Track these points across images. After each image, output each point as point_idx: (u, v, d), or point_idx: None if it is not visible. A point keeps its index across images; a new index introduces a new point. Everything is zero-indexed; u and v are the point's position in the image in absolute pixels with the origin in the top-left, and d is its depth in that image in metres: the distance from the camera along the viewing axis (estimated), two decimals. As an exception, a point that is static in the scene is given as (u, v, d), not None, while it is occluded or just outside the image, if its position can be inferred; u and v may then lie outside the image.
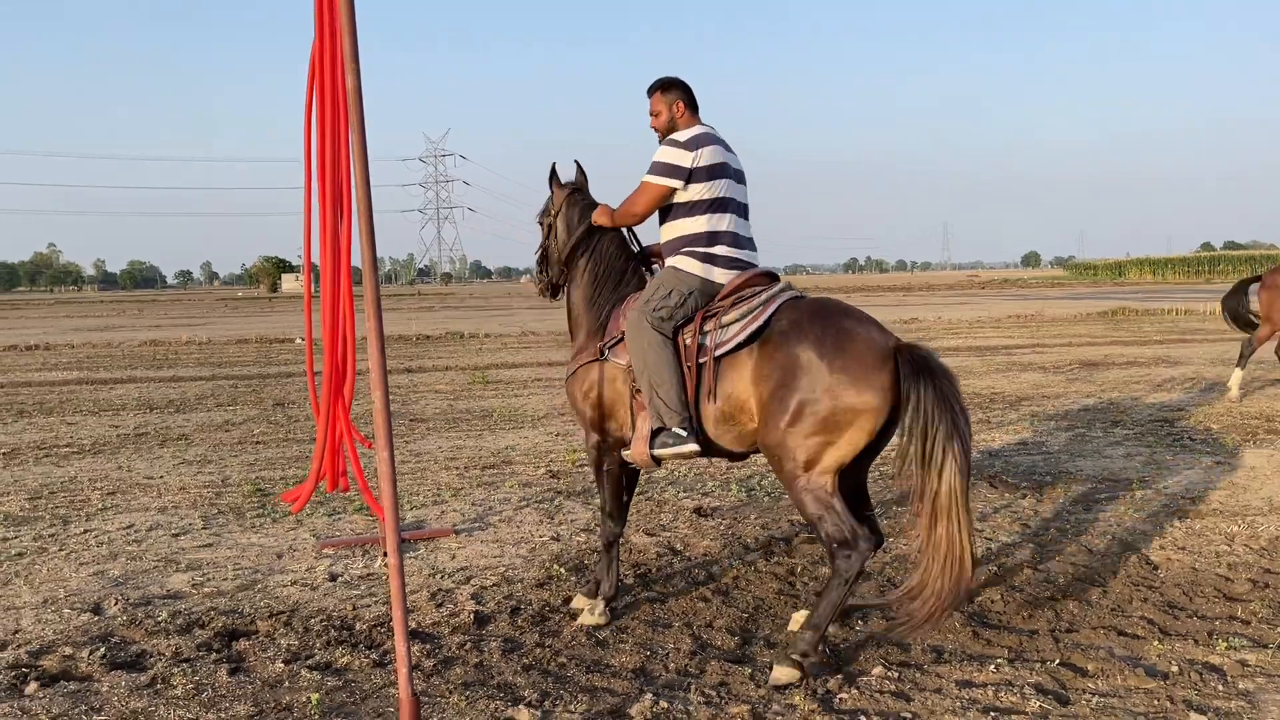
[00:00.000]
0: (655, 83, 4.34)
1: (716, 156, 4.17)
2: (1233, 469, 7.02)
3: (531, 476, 7.25)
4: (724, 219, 4.21)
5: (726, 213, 4.21)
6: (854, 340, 3.66)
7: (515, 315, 34.95)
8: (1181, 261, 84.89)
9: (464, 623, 4.26)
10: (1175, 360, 14.79)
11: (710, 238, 4.18)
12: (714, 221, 4.19)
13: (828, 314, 3.82)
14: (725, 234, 4.21)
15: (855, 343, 3.65)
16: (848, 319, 3.78)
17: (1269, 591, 4.50)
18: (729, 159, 4.24)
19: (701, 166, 4.13)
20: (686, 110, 4.29)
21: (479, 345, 20.96)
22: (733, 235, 4.22)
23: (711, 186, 4.16)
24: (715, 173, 4.16)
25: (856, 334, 3.69)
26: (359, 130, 2.97)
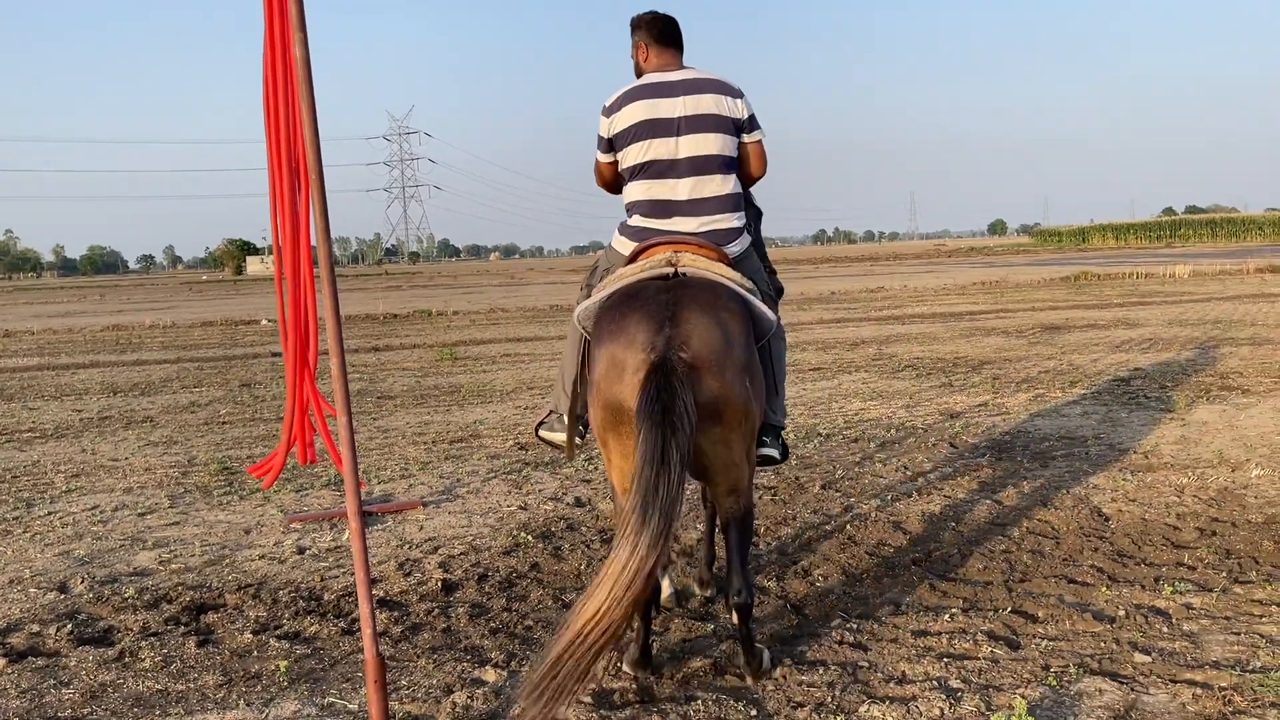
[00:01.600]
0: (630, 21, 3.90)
1: (639, 114, 3.65)
2: (1185, 424, 7.19)
3: (499, 449, 7.29)
4: (639, 186, 3.70)
5: (644, 178, 3.68)
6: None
7: (484, 293, 34.86)
8: (1144, 227, 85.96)
9: (431, 590, 4.31)
10: (1134, 322, 15.03)
11: (630, 207, 3.77)
12: (633, 189, 3.74)
13: (611, 305, 3.31)
14: (641, 202, 3.70)
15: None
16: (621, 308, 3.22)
17: (1215, 539, 4.64)
18: (662, 110, 3.64)
19: (621, 131, 3.70)
20: (650, 51, 3.80)
21: (447, 323, 20.91)
22: (649, 203, 3.68)
23: (629, 152, 3.69)
24: (637, 134, 3.66)
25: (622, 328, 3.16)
26: (309, 101, 2.97)
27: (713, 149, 3.64)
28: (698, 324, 3.08)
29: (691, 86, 3.66)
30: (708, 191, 3.65)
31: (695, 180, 3.64)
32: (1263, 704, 3.02)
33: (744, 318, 3.25)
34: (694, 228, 3.61)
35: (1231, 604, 3.85)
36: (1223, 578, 4.13)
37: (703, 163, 3.64)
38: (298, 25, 2.92)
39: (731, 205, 3.68)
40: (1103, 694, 3.13)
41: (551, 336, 16.56)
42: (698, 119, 3.63)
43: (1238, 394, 8.33)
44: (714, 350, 3.05)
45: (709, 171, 3.64)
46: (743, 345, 3.16)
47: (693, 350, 3.01)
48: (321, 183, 2.98)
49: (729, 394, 3.06)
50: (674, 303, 3.14)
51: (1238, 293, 20.19)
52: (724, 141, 3.67)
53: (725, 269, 3.42)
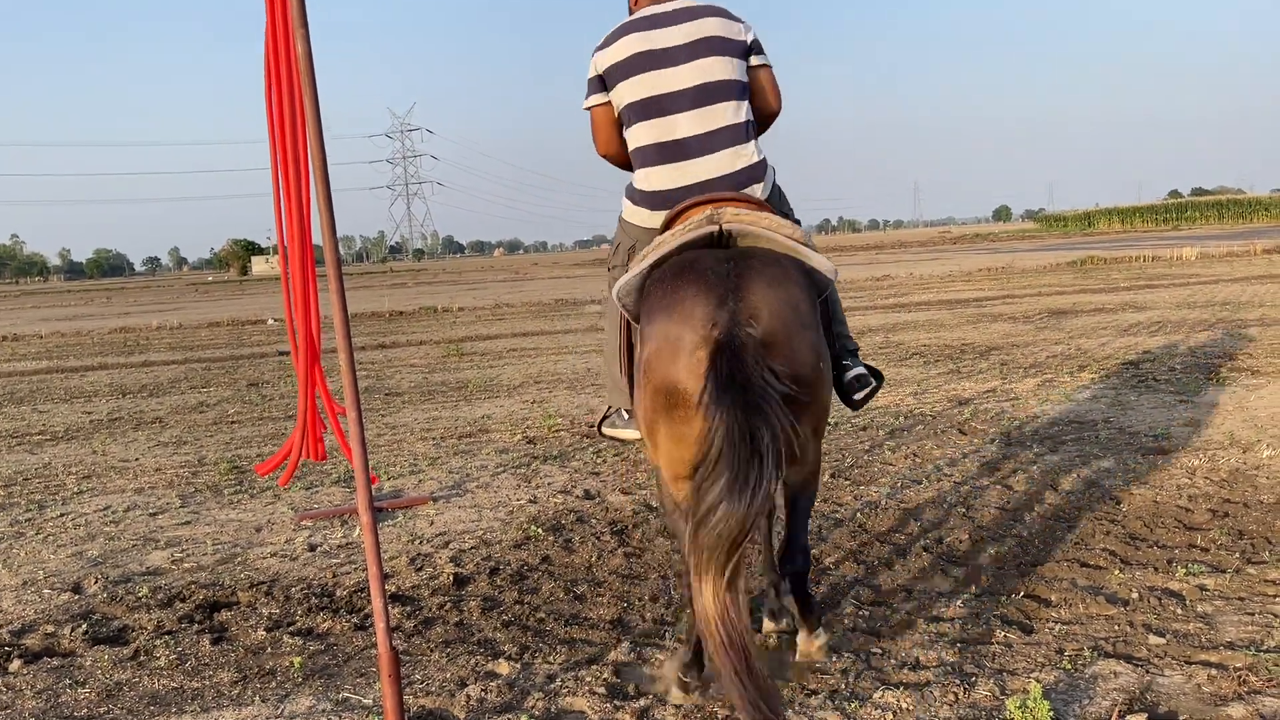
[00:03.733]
0: None
1: (633, 46, 3.26)
2: (1195, 406, 7.16)
3: (508, 443, 7.30)
4: (641, 129, 3.27)
5: (645, 117, 3.25)
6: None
7: (489, 288, 34.88)
8: (1150, 210, 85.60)
9: (443, 584, 4.32)
10: (1142, 306, 14.98)
11: (635, 157, 3.33)
12: (635, 133, 3.31)
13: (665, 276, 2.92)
14: (645, 149, 3.27)
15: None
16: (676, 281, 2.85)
17: (1228, 520, 4.62)
18: (660, 40, 3.26)
19: (613, 65, 3.29)
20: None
21: (453, 319, 20.93)
22: (654, 148, 3.25)
23: (624, 88, 3.28)
24: (632, 67, 3.25)
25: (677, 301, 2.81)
26: (312, 98, 2.97)
27: (721, 73, 3.25)
28: (766, 296, 2.73)
29: (691, 13, 3.32)
30: (719, 121, 3.23)
31: (704, 111, 3.22)
32: (1277, 683, 3.01)
33: (808, 284, 2.93)
34: (713, 170, 3.21)
35: (1245, 585, 3.84)
36: (1236, 558, 4.12)
37: (711, 90, 3.23)
38: (299, 21, 2.92)
39: (746, 134, 3.28)
40: (1117, 676, 3.12)
41: (557, 330, 16.57)
42: (700, 43, 3.25)
43: (1247, 375, 8.29)
44: (787, 326, 2.72)
45: (718, 99, 3.23)
46: (813, 318, 2.87)
47: (763, 326, 2.67)
48: (326, 180, 2.98)
49: (801, 373, 2.72)
50: (735, 273, 2.77)
51: (1245, 274, 20.11)
52: (733, 65, 3.28)
53: (774, 219, 3.05)
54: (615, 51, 3.31)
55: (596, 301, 23.49)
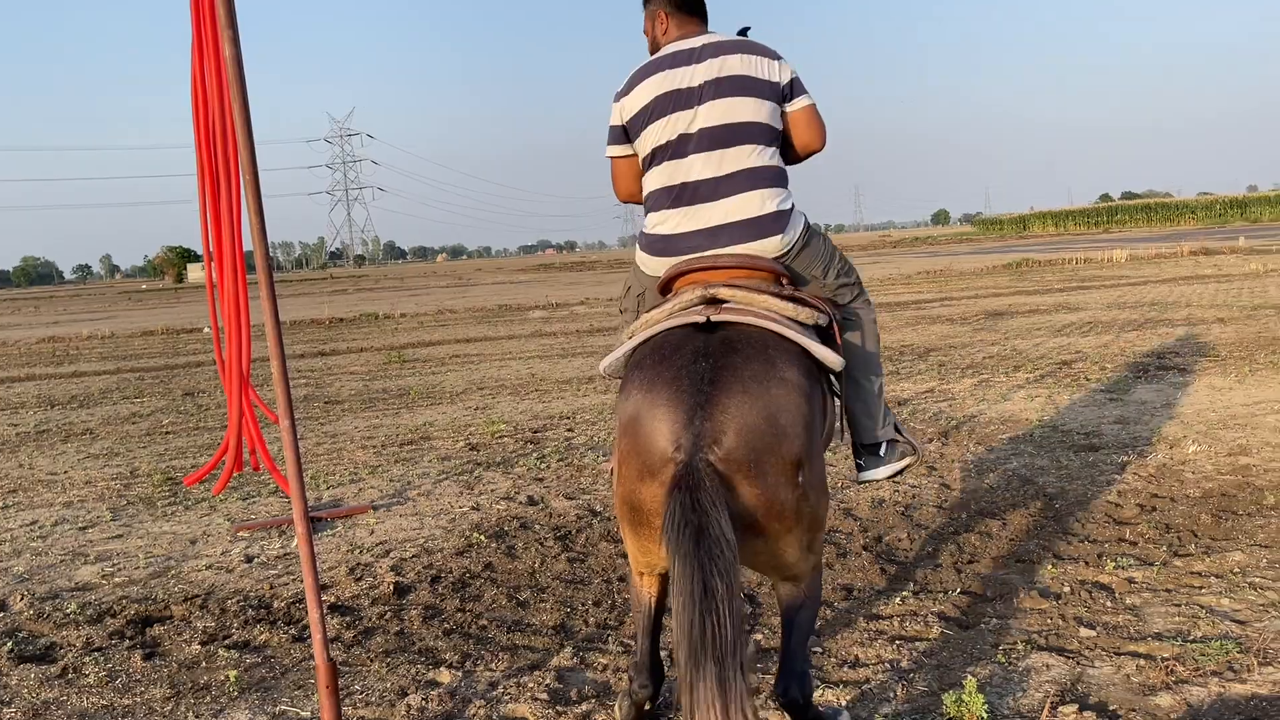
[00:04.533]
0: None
1: (654, 89, 3.05)
2: (1125, 404, 7.34)
3: (450, 450, 7.24)
4: (656, 173, 3.08)
5: (662, 161, 3.05)
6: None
7: (431, 294, 34.58)
8: (1081, 213, 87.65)
9: (384, 594, 4.27)
10: (1074, 307, 15.33)
11: (647, 202, 3.15)
12: (650, 178, 3.12)
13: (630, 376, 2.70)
14: (655, 193, 3.08)
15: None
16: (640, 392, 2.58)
17: (1155, 515, 4.74)
18: (681, 79, 3.03)
19: (636, 113, 3.09)
20: (670, 21, 3.17)
21: (395, 325, 20.71)
22: (663, 191, 3.05)
23: (648, 134, 3.07)
24: (655, 111, 3.04)
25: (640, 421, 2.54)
26: (241, 102, 2.92)
27: (744, 115, 2.99)
28: (736, 411, 2.44)
29: (716, 49, 3.05)
30: (739, 164, 2.98)
31: (720, 154, 2.98)
32: (1204, 673, 3.09)
33: (802, 381, 2.60)
34: (720, 218, 2.96)
35: (1172, 577, 3.95)
36: (1163, 552, 4.23)
37: (729, 132, 2.99)
38: (226, 24, 2.87)
39: (769, 179, 3.00)
40: (1050, 669, 3.19)
41: (501, 336, 16.49)
42: (723, 82, 3.00)
43: (1174, 373, 8.53)
44: (753, 448, 2.42)
45: (739, 141, 2.99)
46: (799, 428, 2.52)
47: (725, 449, 2.39)
48: (256, 185, 2.93)
49: (773, 501, 2.45)
50: (711, 378, 2.49)
51: (1173, 275, 20.68)
52: (758, 107, 3.01)
53: (775, 301, 2.76)
54: (637, 98, 3.09)
55: (541, 307, 23.42)
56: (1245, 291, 15.59)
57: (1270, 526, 4.45)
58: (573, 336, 15.66)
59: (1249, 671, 3.07)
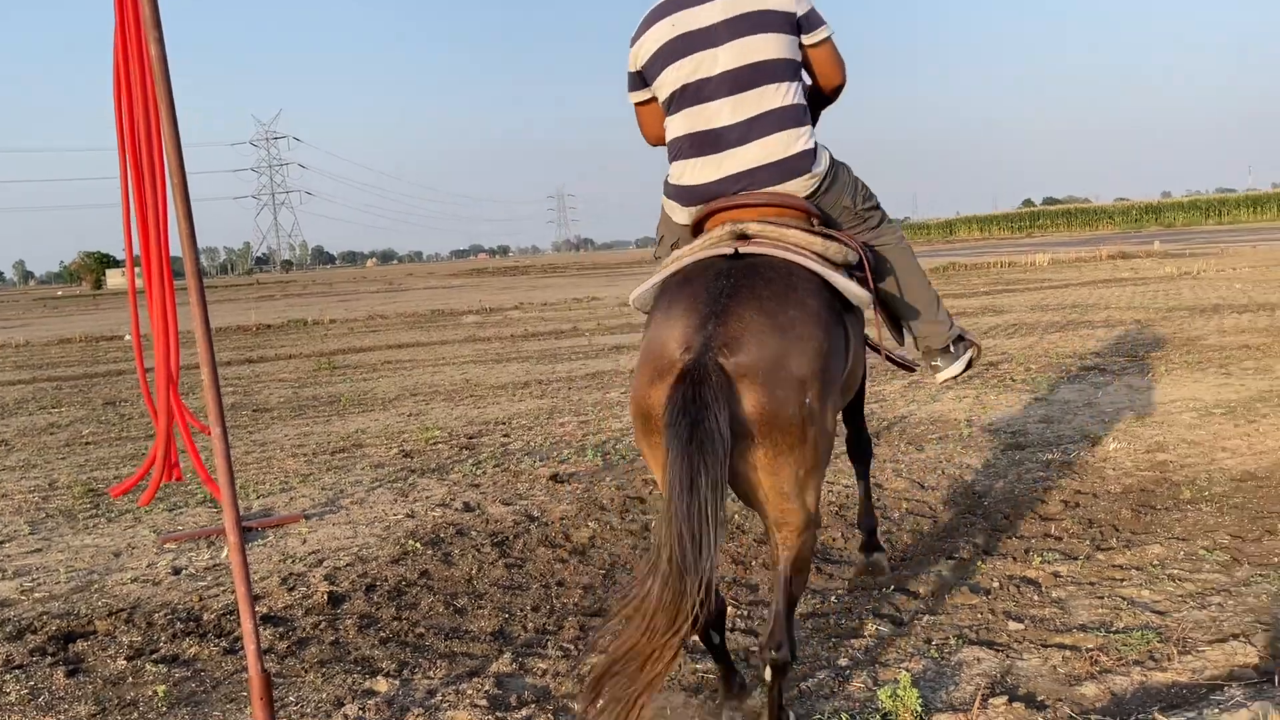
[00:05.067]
0: None
1: (667, 33, 2.98)
2: (1049, 404, 7.55)
3: (384, 457, 7.15)
4: (678, 119, 3.03)
5: (682, 106, 3.00)
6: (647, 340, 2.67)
7: (361, 300, 34.11)
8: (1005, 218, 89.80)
9: (318, 604, 4.20)
10: (1000, 309, 15.70)
11: (671, 149, 3.10)
12: (672, 124, 3.06)
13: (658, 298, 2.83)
14: (679, 140, 3.03)
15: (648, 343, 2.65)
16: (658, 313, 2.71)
17: (1079, 510, 4.88)
18: (694, 20, 2.96)
19: (650, 57, 3.03)
20: None
21: (324, 331, 20.38)
22: (689, 139, 3.00)
23: (665, 77, 3.01)
24: (670, 53, 2.98)
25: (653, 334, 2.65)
26: (168, 104, 2.86)
27: (764, 53, 2.91)
28: (750, 323, 2.47)
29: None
30: (762, 105, 2.92)
31: (745, 96, 2.92)
32: (1126, 662, 3.19)
33: (821, 311, 2.62)
34: (749, 162, 2.92)
35: (1095, 570, 4.07)
36: (1086, 546, 4.36)
37: (752, 72, 2.91)
38: (151, 24, 2.81)
39: (794, 119, 2.95)
40: (980, 662, 3.27)
41: (434, 342, 16.33)
42: (741, 19, 2.91)
43: (1095, 373, 8.79)
44: (764, 358, 2.43)
45: (761, 81, 2.91)
46: (812, 348, 2.52)
47: (735, 356, 2.42)
48: (185, 189, 2.87)
49: (777, 413, 2.43)
50: (730, 291, 2.54)
51: (1092, 278, 21.30)
52: (779, 42, 2.94)
53: (803, 235, 2.79)
54: (650, 40, 3.02)
55: (474, 312, 23.25)
56: (1161, 294, 16.12)
57: (1187, 520, 4.61)
58: (507, 341, 15.58)
59: (1169, 660, 3.18)
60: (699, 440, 2.31)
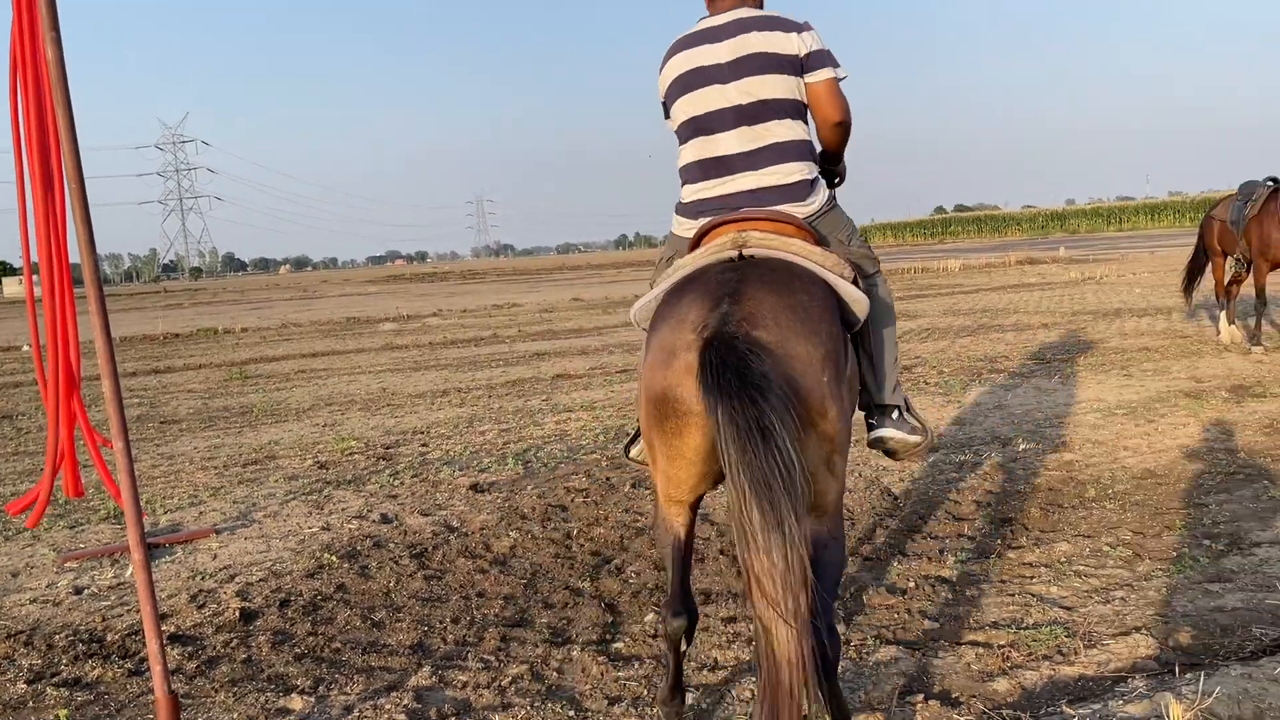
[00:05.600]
0: None
1: (681, 66, 3.17)
2: (961, 405, 7.73)
3: (298, 469, 6.99)
4: (688, 148, 3.19)
5: (694, 137, 3.16)
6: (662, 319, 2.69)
7: (275, 307, 33.35)
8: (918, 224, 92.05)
9: (229, 621, 4.08)
10: (913, 314, 16.05)
11: (682, 174, 3.25)
12: (683, 153, 3.22)
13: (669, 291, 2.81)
14: (689, 166, 3.19)
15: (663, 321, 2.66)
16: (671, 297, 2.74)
17: (990, 510, 5.01)
18: (706, 57, 3.13)
19: (668, 88, 3.22)
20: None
21: (235, 340, 19.87)
22: (697, 165, 3.16)
23: (677, 109, 3.20)
24: (683, 87, 3.17)
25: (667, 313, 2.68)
26: (65, 106, 2.76)
27: (770, 91, 3.07)
28: (765, 300, 2.50)
29: (740, 26, 3.12)
30: (768, 138, 3.07)
31: (751, 129, 3.08)
32: (1036, 657, 3.28)
33: (826, 301, 2.66)
34: (752, 184, 3.06)
35: (1006, 568, 4.18)
36: (998, 544, 4.47)
37: (759, 108, 3.08)
38: (49, 25, 2.71)
39: (797, 153, 3.09)
40: (897, 662, 3.32)
41: (350, 350, 16.04)
42: (745, 60, 3.07)
43: (1004, 375, 9.04)
44: (784, 327, 2.44)
45: (767, 117, 3.08)
46: (824, 331, 2.53)
47: (755, 330, 2.40)
48: (83, 193, 2.77)
49: (808, 384, 2.40)
50: (739, 279, 2.60)
51: (1002, 283, 21.92)
52: (783, 83, 3.08)
53: (803, 245, 2.84)
54: (668, 72, 3.21)
55: (391, 319, 22.92)
56: (1066, 298, 16.67)
57: (1092, 518, 4.77)
58: (425, 349, 15.39)
59: (1076, 654, 3.28)
60: (751, 389, 2.21)
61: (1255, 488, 5.07)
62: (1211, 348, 9.85)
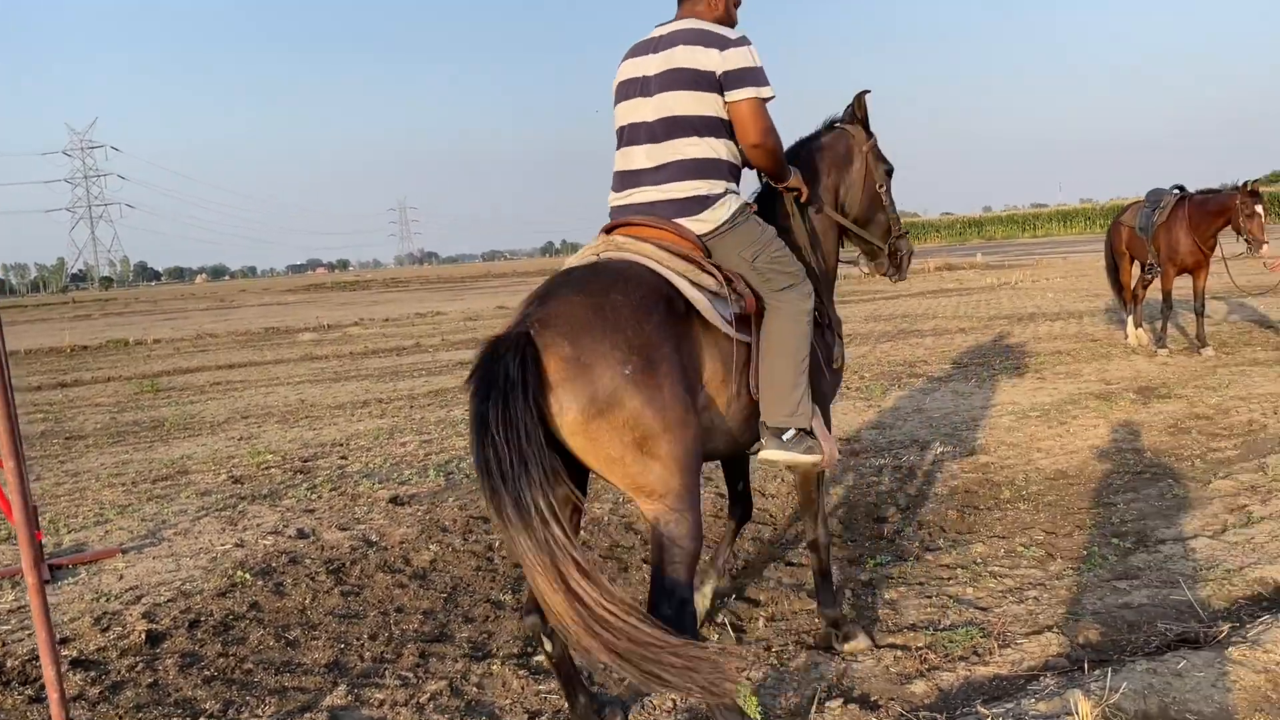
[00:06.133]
0: None
1: (624, 74, 3.26)
2: (880, 410, 7.85)
3: (211, 484, 6.79)
4: (616, 156, 3.28)
5: (620, 147, 3.26)
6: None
7: (190, 318, 32.47)
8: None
9: (134, 644, 3.93)
10: (835, 320, 16.25)
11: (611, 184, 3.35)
12: (615, 160, 3.31)
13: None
14: (614, 175, 3.28)
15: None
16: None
17: (909, 512, 5.09)
18: (639, 68, 3.21)
19: (614, 94, 3.31)
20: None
21: (147, 352, 19.27)
22: (617, 175, 3.26)
23: (615, 117, 3.29)
24: (619, 96, 3.27)
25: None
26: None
27: (682, 108, 3.10)
28: (565, 301, 2.68)
29: (671, 39, 3.15)
30: (670, 155, 3.13)
31: (660, 145, 3.14)
32: (953, 658, 3.33)
33: (651, 301, 2.76)
34: (651, 198, 3.13)
35: (924, 570, 4.24)
36: (916, 547, 4.54)
37: (669, 125, 3.12)
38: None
39: (699, 171, 3.11)
40: (818, 666, 3.34)
41: (268, 361, 15.68)
42: (667, 75, 3.12)
43: (923, 380, 9.20)
44: (579, 326, 2.61)
45: (676, 134, 3.12)
46: (632, 329, 2.65)
47: (546, 324, 2.62)
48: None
49: (589, 374, 2.57)
50: (561, 283, 2.79)
51: (921, 289, 22.36)
52: (697, 100, 3.10)
53: (654, 249, 2.95)
54: (616, 78, 3.29)
55: (311, 329, 22.47)
56: (983, 303, 17.07)
57: (1007, 519, 4.87)
58: (346, 359, 15.11)
59: (991, 654, 3.34)
60: (486, 387, 2.52)
61: (1160, 486, 5.24)
62: (1120, 350, 10.18)
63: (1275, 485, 5.10)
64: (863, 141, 3.70)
